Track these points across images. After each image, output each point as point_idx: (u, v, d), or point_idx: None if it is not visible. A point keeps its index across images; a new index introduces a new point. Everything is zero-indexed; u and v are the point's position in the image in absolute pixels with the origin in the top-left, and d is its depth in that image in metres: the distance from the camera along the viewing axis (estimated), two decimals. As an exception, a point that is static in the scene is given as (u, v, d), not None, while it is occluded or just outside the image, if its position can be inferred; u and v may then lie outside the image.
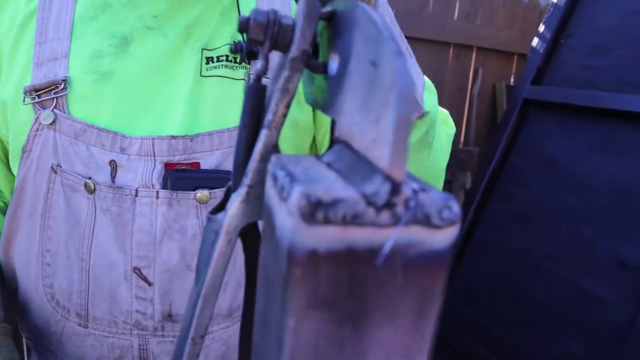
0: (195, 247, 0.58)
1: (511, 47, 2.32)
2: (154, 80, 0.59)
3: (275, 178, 0.21)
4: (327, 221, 0.18)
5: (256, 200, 0.28)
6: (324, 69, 0.27)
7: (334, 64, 0.27)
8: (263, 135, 0.27)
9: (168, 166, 0.57)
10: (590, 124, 1.36)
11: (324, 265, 0.19)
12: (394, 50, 0.19)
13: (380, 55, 0.20)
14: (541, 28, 1.62)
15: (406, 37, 0.62)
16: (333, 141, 0.29)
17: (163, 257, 0.58)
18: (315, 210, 0.18)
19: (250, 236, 0.30)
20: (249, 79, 0.60)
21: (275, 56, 0.62)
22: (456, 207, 0.20)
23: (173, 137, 0.57)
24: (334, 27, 0.27)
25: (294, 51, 0.26)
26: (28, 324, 0.67)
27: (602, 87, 1.36)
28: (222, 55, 0.61)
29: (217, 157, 0.58)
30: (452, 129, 0.72)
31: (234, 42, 0.61)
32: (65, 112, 0.58)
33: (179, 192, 0.57)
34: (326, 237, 0.19)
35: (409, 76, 0.19)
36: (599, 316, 1.18)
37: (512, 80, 2.39)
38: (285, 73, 0.26)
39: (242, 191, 0.28)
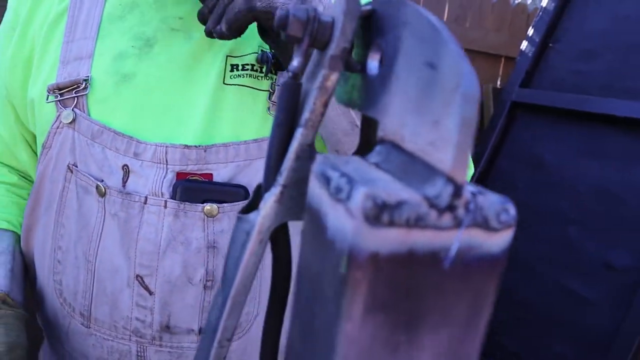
0: (198, 261, 0.58)
1: (500, 50, 2.34)
2: (174, 84, 0.58)
3: (326, 178, 0.21)
4: (391, 223, 0.18)
5: (290, 200, 0.27)
6: (362, 68, 0.27)
7: (373, 63, 0.26)
8: (299, 134, 0.27)
9: (180, 175, 0.57)
10: (578, 127, 1.38)
11: (385, 269, 0.19)
12: (456, 51, 0.19)
13: (440, 56, 0.20)
14: (530, 32, 1.64)
15: None
16: (372, 141, 0.28)
17: (165, 268, 0.57)
18: (381, 213, 0.18)
19: (280, 237, 0.29)
20: (274, 91, 0.60)
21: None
22: (513, 211, 0.20)
23: (186, 146, 0.56)
24: (373, 26, 0.26)
25: (333, 49, 0.26)
26: (42, 313, 0.68)
27: (590, 91, 1.38)
28: (247, 64, 0.60)
29: (231, 170, 0.58)
30: (470, 170, 0.67)
31: (261, 51, 0.60)
32: (84, 112, 0.58)
33: (186, 203, 0.56)
34: (389, 239, 0.18)
35: (474, 78, 0.18)
36: (587, 319, 1.20)
37: (499, 82, 2.42)
38: (324, 71, 0.26)
39: (276, 191, 0.27)
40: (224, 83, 0.59)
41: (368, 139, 0.29)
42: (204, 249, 0.57)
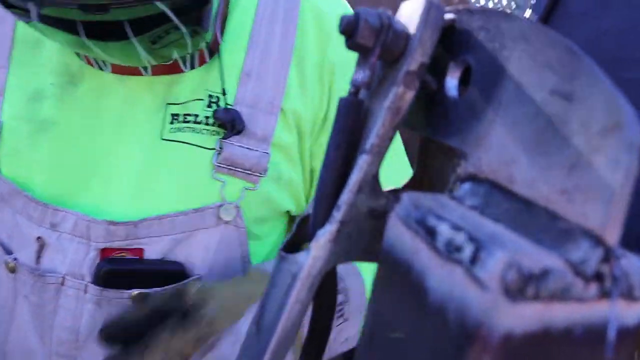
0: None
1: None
2: (101, 137, 0.48)
3: (429, 229, 0.17)
4: (536, 297, 0.14)
5: (347, 239, 0.23)
6: (439, 87, 0.23)
7: (452, 82, 0.23)
8: (364, 162, 0.23)
9: (105, 252, 0.48)
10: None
11: (515, 349, 0.15)
12: (609, 84, 0.16)
13: (581, 86, 0.16)
14: (512, 42, 1.64)
15: None
16: (437, 173, 0.24)
17: (86, 359, 0.49)
18: (526, 285, 0.14)
19: (327, 282, 0.25)
20: (221, 150, 0.48)
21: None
22: (655, 276, 0.17)
23: (112, 222, 0.47)
24: (455, 39, 0.23)
25: (410, 64, 0.22)
26: None
27: (570, 104, 1.39)
28: (190, 114, 0.49)
29: (166, 245, 0.48)
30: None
31: (219, 106, 0.49)
32: None
33: (111, 290, 0.48)
34: (528, 316, 0.15)
35: (638, 121, 0.15)
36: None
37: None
38: (397, 89, 0.22)
39: (331, 228, 0.23)
40: (162, 138, 0.49)
41: (429, 170, 0.26)
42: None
